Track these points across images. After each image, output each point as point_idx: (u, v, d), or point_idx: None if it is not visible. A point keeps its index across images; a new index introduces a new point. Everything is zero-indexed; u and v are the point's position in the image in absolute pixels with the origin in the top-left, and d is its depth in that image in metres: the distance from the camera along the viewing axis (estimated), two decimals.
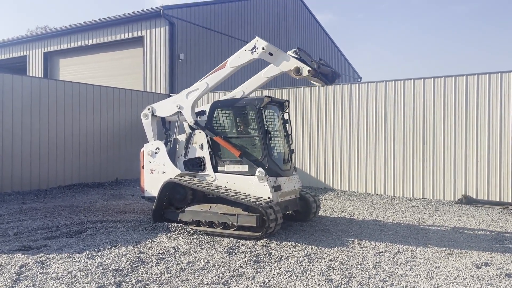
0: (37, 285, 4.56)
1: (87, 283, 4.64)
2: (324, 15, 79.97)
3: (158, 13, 16.32)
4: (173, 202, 7.61)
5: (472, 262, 5.57)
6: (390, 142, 11.86)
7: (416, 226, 7.94)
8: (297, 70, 6.95)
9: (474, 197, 10.54)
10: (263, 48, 7.22)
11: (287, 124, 7.88)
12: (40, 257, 5.46)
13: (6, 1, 75.30)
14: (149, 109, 8.26)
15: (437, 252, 6.09)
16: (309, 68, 6.89)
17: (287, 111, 7.97)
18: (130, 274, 4.95)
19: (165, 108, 8.21)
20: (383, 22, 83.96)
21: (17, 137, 11.22)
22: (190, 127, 7.90)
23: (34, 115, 11.62)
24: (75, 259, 5.43)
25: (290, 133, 7.84)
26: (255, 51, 7.32)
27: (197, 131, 7.71)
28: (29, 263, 5.21)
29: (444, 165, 11.06)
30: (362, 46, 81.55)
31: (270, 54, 7.22)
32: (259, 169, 6.93)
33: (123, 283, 4.67)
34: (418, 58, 78.24)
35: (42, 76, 20.28)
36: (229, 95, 8.44)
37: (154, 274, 4.97)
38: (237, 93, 8.31)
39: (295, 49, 7.25)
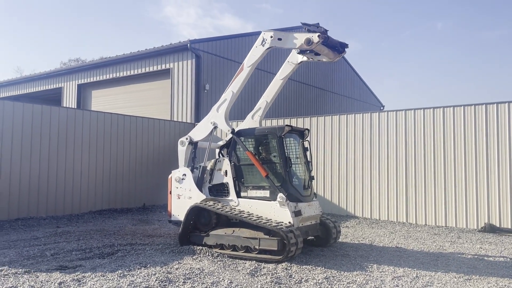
0: None
1: None
2: (349, 43, 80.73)
3: (185, 47, 17.20)
4: (198, 226, 7.97)
5: None
6: (411, 170, 11.98)
7: (437, 253, 8.01)
8: (308, 41, 7.23)
9: (498, 226, 10.47)
10: (271, 37, 7.69)
11: (307, 152, 8.22)
12: (76, 275, 5.87)
13: (40, 36, 79.72)
14: (187, 138, 8.71)
15: (455, 278, 6.19)
16: (318, 33, 7.19)
17: (307, 139, 8.33)
18: None
19: (200, 130, 8.67)
20: (407, 49, 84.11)
21: (52, 164, 11.93)
22: (220, 152, 8.33)
23: (69, 144, 12.36)
24: (108, 277, 5.82)
25: (310, 160, 8.17)
26: (265, 42, 7.79)
27: (221, 159, 8.15)
28: (67, 281, 5.63)
29: (466, 193, 11.07)
30: (386, 74, 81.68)
31: (279, 39, 7.63)
32: (280, 194, 7.24)
33: None
34: (443, 86, 77.64)
35: (76, 107, 21.42)
36: (255, 107, 8.91)
37: None
38: (261, 103, 8.82)
39: None
